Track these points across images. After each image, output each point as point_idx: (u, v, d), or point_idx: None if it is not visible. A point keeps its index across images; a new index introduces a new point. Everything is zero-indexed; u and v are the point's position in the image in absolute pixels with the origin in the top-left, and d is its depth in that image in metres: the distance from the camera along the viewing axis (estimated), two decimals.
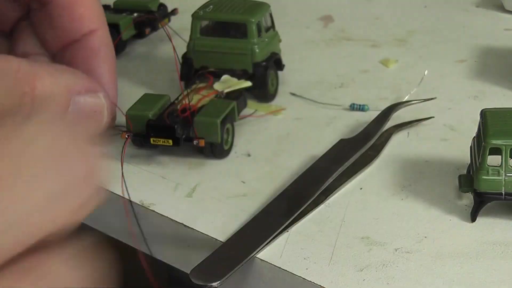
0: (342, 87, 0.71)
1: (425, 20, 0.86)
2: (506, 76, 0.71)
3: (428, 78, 0.70)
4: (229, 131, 0.61)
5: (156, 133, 0.58)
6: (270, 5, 0.69)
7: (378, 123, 0.62)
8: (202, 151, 0.60)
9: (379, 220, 0.52)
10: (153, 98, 0.62)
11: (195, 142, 0.58)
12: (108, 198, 0.56)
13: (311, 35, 0.84)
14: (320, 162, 0.57)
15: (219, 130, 0.58)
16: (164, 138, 0.58)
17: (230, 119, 0.61)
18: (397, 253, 0.48)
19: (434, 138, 0.62)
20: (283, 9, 0.87)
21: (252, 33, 0.67)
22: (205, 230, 0.52)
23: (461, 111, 0.66)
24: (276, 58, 0.69)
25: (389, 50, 0.79)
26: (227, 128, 0.60)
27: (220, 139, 0.58)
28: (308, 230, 0.51)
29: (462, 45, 0.79)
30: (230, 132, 0.61)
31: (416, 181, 0.56)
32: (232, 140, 0.61)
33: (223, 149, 0.60)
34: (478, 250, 0.48)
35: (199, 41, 0.68)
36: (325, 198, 0.54)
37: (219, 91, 0.64)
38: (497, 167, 0.49)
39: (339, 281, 0.46)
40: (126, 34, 0.78)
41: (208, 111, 0.60)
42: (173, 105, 0.61)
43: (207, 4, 0.69)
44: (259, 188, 0.56)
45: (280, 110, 0.67)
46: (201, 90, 0.64)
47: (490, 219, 0.51)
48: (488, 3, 0.90)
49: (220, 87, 0.64)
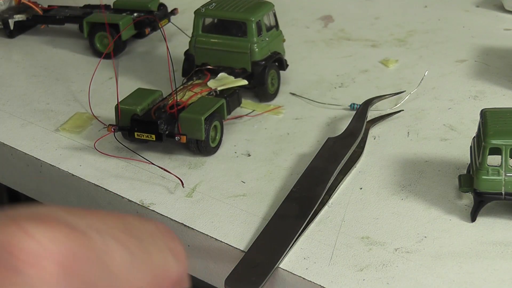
0: (342, 87, 0.71)
1: (425, 20, 0.86)
2: (506, 76, 0.71)
3: (428, 78, 0.70)
4: (217, 129, 0.61)
5: (140, 127, 0.59)
6: (273, 5, 0.69)
7: (359, 120, 0.62)
8: (188, 147, 0.60)
9: (379, 220, 0.52)
10: (145, 93, 0.63)
11: (177, 138, 0.58)
12: (108, 199, 0.56)
13: (311, 35, 0.84)
14: (317, 162, 0.57)
15: (203, 127, 0.58)
16: (147, 133, 0.59)
17: (218, 116, 0.61)
18: (397, 253, 0.48)
19: (434, 138, 0.62)
20: (283, 9, 0.87)
21: (252, 32, 0.67)
22: (205, 230, 0.52)
23: (461, 111, 0.66)
24: (278, 58, 0.69)
25: (389, 50, 0.79)
26: (215, 126, 0.60)
27: (203, 136, 0.58)
28: (308, 230, 0.51)
29: (462, 45, 0.79)
30: (218, 130, 0.61)
31: (416, 181, 0.56)
32: (220, 138, 0.62)
33: (210, 146, 0.60)
34: (478, 250, 0.48)
35: (201, 38, 0.69)
36: (328, 198, 0.54)
37: (212, 88, 0.64)
38: (497, 167, 0.49)
39: (339, 281, 0.46)
40: (126, 34, 0.78)
41: (195, 107, 0.60)
42: (164, 100, 0.62)
43: (211, 2, 0.69)
44: (259, 188, 0.56)
45: (275, 109, 0.67)
46: (195, 87, 0.65)
47: (490, 219, 0.51)
48: (488, 3, 0.90)
49: (213, 85, 0.65)
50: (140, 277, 0.27)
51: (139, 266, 0.28)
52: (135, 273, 0.27)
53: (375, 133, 0.63)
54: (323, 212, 0.53)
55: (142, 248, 0.28)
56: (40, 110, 0.70)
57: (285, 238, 0.49)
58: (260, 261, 0.47)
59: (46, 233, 0.25)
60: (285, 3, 0.91)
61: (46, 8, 0.87)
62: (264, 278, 0.46)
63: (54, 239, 0.25)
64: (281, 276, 0.48)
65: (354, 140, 0.59)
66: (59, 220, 0.26)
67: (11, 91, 0.74)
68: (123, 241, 0.27)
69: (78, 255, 0.25)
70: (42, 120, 0.68)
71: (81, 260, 0.25)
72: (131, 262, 0.27)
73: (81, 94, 0.72)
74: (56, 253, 0.25)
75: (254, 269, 0.47)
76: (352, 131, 0.60)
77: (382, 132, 0.63)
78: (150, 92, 0.63)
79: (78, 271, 0.25)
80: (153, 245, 0.29)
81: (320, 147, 0.59)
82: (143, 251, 0.28)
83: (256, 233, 0.51)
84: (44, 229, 0.25)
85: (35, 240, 0.24)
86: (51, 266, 0.24)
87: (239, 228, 0.52)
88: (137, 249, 0.28)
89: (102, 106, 0.69)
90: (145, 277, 0.28)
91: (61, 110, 0.69)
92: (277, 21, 0.70)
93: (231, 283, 0.46)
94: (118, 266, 0.26)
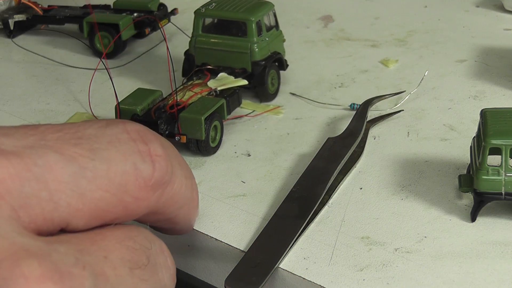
0: (342, 87, 0.71)
1: (425, 20, 0.86)
2: (506, 76, 0.71)
3: (428, 78, 0.70)
4: (217, 129, 0.61)
5: None
6: (273, 5, 0.69)
7: (359, 120, 0.62)
8: (188, 147, 0.60)
9: (379, 220, 0.52)
10: (145, 93, 0.63)
11: (177, 138, 0.58)
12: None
13: (311, 35, 0.84)
14: (317, 162, 0.57)
15: (203, 126, 0.58)
16: None
17: (218, 116, 0.61)
18: (397, 253, 0.48)
19: (434, 138, 0.62)
20: (283, 9, 0.87)
21: (252, 32, 0.67)
22: (205, 230, 0.52)
23: (461, 111, 0.66)
24: (278, 58, 0.69)
25: (389, 50, 0.79)
26: (215, 125, 0.60)
27: (204, 135, 0.58)
28: (308, 230, 0.51)
29: (462, 45, 0.79)
30: (219, 130, 0.61)
31: (416, 181, 0.56)
32: (220, 138, 0.62)
33: (210, 146, 0.60)
34: (478, 250, 0.48)
35: (201, 38, 0.69)
36: (328, 198, 0.54)
37: (212, 88, 0.64)
38: (497, 167, 0.49)
39: (339, 281, 0.46)
40: (126, 34, 0.78)
41: (194, 107, 0.60)
42: (164, 100, 0.62)
43: (211, 2, 0.69)
44: (259, 188, 0.56)
45: (275, 109, 0.67)
46: (195, 86, 0.65)
47: (490, 219, 0.51)
48: (488, 3, 0.90)
49: (213, 85, 0.65)
50: (92, 188, 0.26)
51: (92, 177, 0.26)
52: (85, 185, 0.26)
53: (375, 133, 0.63)
54: (323, 212, 0.53)
55: (97, 157, 0.26)
56: (40, 110, 0.70)
57: (285, 238, 0.49)
58: (260, 261, 0.47)
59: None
60: (285, 3, 0.91)
61: (46, 8, 0.87)
62: (264, 278, 0.46)
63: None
64: (281, 276, 0.48)
65: (354, 140, 0.59)
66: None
67: (11, 91, 0.74)
68: (69, 154, 0.26)
69: (9, 179, 0.24)
70: (42, 120, 0.68)
71: (14, 183, 0.24)
72: (80, 174, 0.26)
73: (81, 94, 0.72)
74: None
75: (254, 269, 0.47)
76: (352, 131, 0.60)
77: (382, 132, 0.63)
78: (150, 92, 0.63)
79: (13, 194, 0.24)
80: (114, 152, 0.27)
81: (320, 147, 0.59)
82: (98, 160, 0.27)
83: (256, 233, 0.51)
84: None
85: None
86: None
87: (239, 228, 0.52)
88: (88, 159, 0.26)
89: (102, 106, 0.69)
90: (101, 187, 0.26)
91: (61, 110, 0.69)
92: (277, 21, 0.70)
93: (231, 283, 0.46)
94: (59, 181, 0.25)
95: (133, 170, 0.28)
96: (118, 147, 0.28)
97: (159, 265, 0.29)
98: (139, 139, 0.28)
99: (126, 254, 0.27)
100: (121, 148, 0.28)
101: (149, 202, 0.29)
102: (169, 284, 0.30)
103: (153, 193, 0.29)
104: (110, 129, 0.28)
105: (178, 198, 0.32)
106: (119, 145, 0.28)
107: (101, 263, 0.25)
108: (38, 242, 0.24)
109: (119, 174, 0.27)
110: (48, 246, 0.24)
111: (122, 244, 0.27)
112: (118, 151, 0.27)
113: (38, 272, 0.23)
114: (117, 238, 0.27)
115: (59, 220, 0.25)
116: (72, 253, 0.24)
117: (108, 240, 0.27)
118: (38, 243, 0.24)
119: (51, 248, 0.24)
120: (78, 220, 0.26)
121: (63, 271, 0.23)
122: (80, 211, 0.26)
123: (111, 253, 0.26)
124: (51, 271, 0.23)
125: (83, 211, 0.26)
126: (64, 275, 0.23)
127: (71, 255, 0.24)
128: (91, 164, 0.26)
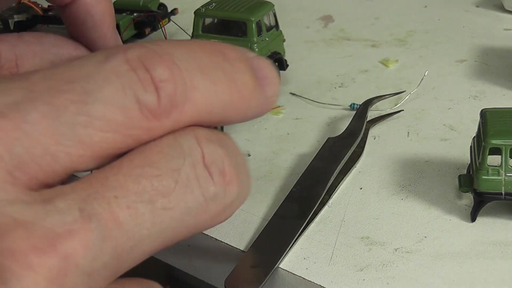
0: (342, 87, 0.71)
1: (425, 20, 0.86)
2: (506, 76, 0.71)
3: (428, 78, 0.70)
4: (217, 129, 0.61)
5: None
6: (273, 5, 0.70)
7: (359, 120, 0.62)
8: None
9: (379, 220, 0.52)
10: None
11: None
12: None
13: (311, 35, 0.84)
14: (317, 162, 0.57)
15: None
16: None
17: None
18: (397, 253, 0.48)
19: (434, 138, 0.62)
20: (283, 9, 0.87)
21: (252, 32, 0.67)
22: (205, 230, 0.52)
23: (461, 111, 0.66)
24: (278, 58, 0.69)
25: (389, 50, 0.79)
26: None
27: None
28: (308, 230, 0.51)
29: (462, 45, 0.79)
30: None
31: (416, 181, 0.56)
32: None
33: None
34: (478, 250, 0.48)
35: (201, 38, 0.69)
36: (328, 198, 0.54)
37: None
38: (497, 167, 0.49)
39: (339, 281, 0.46)
40: (126, 34, 0.78)
41: None
42: None
43: (211, 2, 0.69)
44: (259, 188, 0.56)
45: (275, 109, 0.67)
46: None
47: (490, 219, 0.51)
48: (488, 3, 0.90)
49: None
50: (90, 133, 0.24)
51: (87, 121, 0.24)
52: (81, 132, 0.24)
53: (375, 133, 0.63)
54: (323, 212, 0.53)
55: (90, 99, 0.24)
56: None
57: (285, 238, 0.49)
58: (260, 261, 0.47)
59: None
60: (285, 3, 0.91)
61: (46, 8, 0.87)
62: (264, 278, 0.46)
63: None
64: (281, 276, 0.48)
65: (354, 140, 0.59)
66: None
67: None
68: (59, 103, 0.24)
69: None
70: None
71: (4, 146, 0.23)
72: (74, 122, 0.24)
73: None
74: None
75: (254, 269, 0.47)
76: (352, 131, 0.61)
77: (382, 132, 0.63)
78: None
79: (4, 158, 0.23)
80: (111, 89, 0.25)
81: (320, 147, 0.59)
82: (92, 103, 0.24)
83: (256, 233, 0.51)
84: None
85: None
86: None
87: (239, 228, 0.52)
88: (81, 104, 0.24)
89: None
90: (101, 129, 0.24)
91: None
92: (277, 21, 0.70)
93: (231, 283, 0.46)
94: (52, 134, 0.23)
95: (135, 103, 0.25)
96: (116, 82, 0.25)
97: (194, 180, 0.26)
98: (139, 67, 0.25)
99: (145, 185, 0.24)
100: (119, 82, 0.25)
101: (167, 125, 0.26)
102: (221, 195, 0.28)
103: (167, 118, 0.26)
104: (108, 63, 0.25)
105: (212, 108, 0.29)
106: (116, 79, 0.25)
107: (112, 206, 0.23)
108: (32, 206, 0.22)
109: (118, 112, 0.25)
110: (44, 207, 0.22)
111: (139, 174, 0.24)
112: (115, 87, 0.25)
113: (26, 244, 0.21)
114: (134, 166, 0.24)
115: (63, 169, 0.24)
116: (74, 204, 0.23)
117: (122, 174, 0.24)
118: (32, 208, 0.22)
119: (48, 209, 0.22)
120: (85, 164, 0.24)
121: (59, 235, 0.22)
122: (83, 156, 0.24)
123: (124, 190, 0.24)
124: (43, 239, 0.21)
125: (87, 155, 0.24)
126: (58, 240, 0.21)
127: (73, 207, 0.22)
128: (84, 109, 0.24)
